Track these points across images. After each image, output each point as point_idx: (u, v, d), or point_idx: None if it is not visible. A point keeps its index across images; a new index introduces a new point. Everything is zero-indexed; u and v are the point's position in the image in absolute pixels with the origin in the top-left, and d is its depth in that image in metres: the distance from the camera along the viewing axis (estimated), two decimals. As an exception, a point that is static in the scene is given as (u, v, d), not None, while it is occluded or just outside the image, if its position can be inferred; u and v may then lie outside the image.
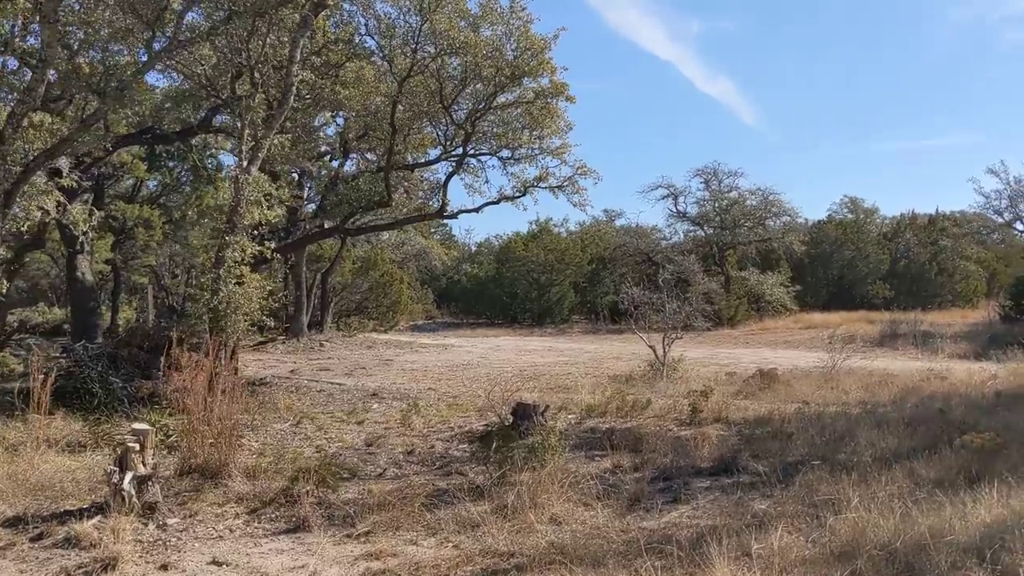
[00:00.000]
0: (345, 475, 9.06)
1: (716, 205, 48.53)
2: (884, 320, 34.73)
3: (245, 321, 11.14)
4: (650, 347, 18.58)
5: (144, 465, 7.37)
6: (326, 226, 17.93)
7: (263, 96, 11.95)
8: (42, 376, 9.43)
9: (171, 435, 9.80)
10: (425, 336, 38.33)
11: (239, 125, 11.26)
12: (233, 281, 10.93)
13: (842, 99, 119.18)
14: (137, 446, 7.28)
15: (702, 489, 8.33)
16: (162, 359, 9.94)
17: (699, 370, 19.82)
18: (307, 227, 17.93)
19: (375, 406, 14.88)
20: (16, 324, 26.97)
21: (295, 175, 25.78)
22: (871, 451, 9.40)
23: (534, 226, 51.53)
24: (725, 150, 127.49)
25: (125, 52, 11.83)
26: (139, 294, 34.99)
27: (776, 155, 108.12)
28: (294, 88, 11.24)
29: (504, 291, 46.48)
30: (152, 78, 19.82)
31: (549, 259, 46.19)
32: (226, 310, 10.86)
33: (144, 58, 11.07)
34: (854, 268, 51.68)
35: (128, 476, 7.11)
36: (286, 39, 12.02)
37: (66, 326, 23.96)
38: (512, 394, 14.26)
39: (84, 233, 15.18)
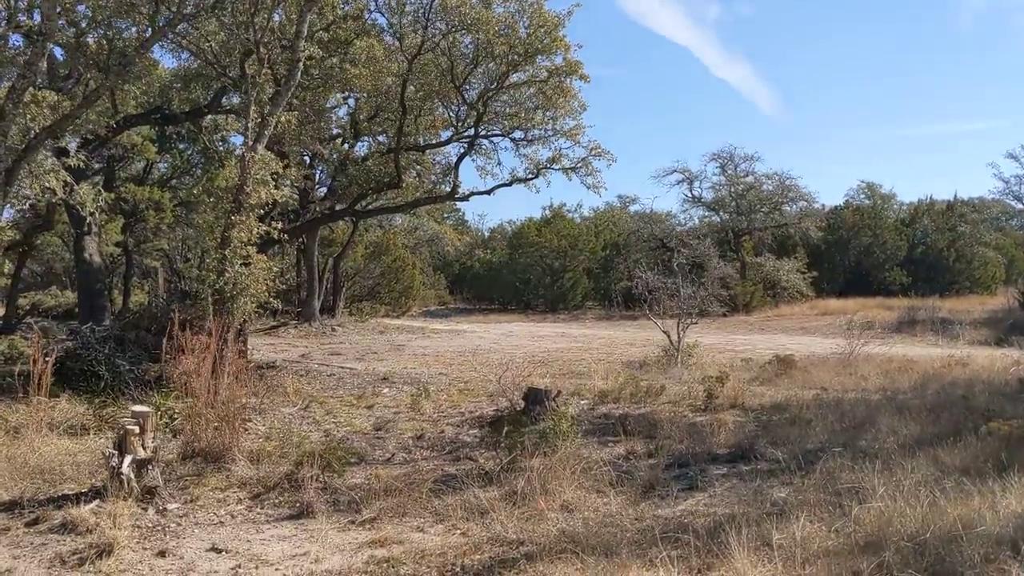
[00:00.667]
0: (352, 460, 8.84)
1: (732, 190, 48.06)
2: (902, 307, 34.29)
3: (252, 303, 10.89)
4: (664, 332, 18.30)
5: (144, 448, 7.16)
6: (336, 208, 17.66)
7: (269, 73, 11.68)
8: (43, 358, 9.23)
9: (176, 418, 9.59)
10: (437, 322, 38.15)
11: (245, 103, 10.99)
12: (239, 262, 10.69)
13: (859, 85, 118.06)
14: (137, 429, 7.08)
15: (719, 476, 8.07)
16: (165, 341, 9.71)
17: (714, 356, 19.54)
18: (317, 209, 17.67)
19: (385, 390, 14.69)
20: (28, 307, 26.98)
21: (307, 158, 25.58)
22: (893, 438, 9.12)
23: (547, 212, 51.31)
24: (741, 136, 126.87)
25: (132, 29, 11.56)
26: (151, 277, 34.97)
27: (792, 141, 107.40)
28: (301, 64, 10.97)
29: (517, 277, 46.23)
30: (162, 58, 19.66)
31: (562, 245, 45.89)
32: (232, 291, 10.62)
33: (148, 33, 10.81)
34: (871, 254, 51.05)
35: (127, 459, 6.91)
36: (294, 16, 11.74)
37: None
38: (524, 379, 14.09)
39: (91, 214, 14.94)
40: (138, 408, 7.44)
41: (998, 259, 52.67)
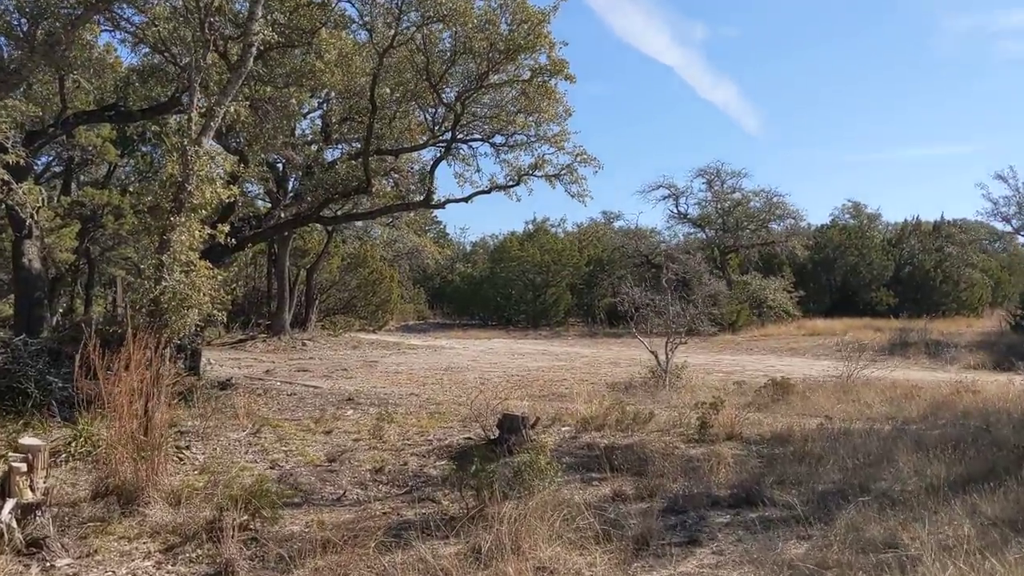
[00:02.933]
0: (296, 499, 7.63)
1: (718, 206, 47.16)
2: (891, 328, 33.38)
3: (194, 316, 9.65)
4: (651, 352, 17.16)
5: (33, 490, 5.92)
6: (302, 214, 16.45)
7: (217, 58, 10.50)
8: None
9: (98, 447, 8.34)
10: (415, 337, 36.90)
11: (189, 91, 9.80)
12: (180, 269, 9.46)
13: (844, 107, 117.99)
14: (24, 466, 5.83)
15: (722, 526, 6.89)
16: (100, 359, 8.45)
17: (704, 378, 18.43)
18: (282, 216, 16.47)
19: (349, 413, 13.43)
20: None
21: (280, 165, 24.36)
22: (916, 478, 8.00)
23: (530, 226, 50.23)
24: (726, 156, 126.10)
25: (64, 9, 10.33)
26: (114, 286, 33.57)
27: (777, 161, 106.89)
28: (253, 50, 9.80)
29: (498, 292, 45.09)
30: (125, 57, 18.39)
31: (545, 260, 44.81)
32: (171, 302, 9.39)
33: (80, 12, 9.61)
34: (857, 274, 50.22)
35: (8, 505, 5.67)
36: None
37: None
38: (500, 403, 12.90)
39: (32, 216, 13.69)
40: (27, 440, 6.20)
41: (984, 281, 52.01)
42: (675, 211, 48.49)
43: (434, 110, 16.53)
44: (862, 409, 13.15)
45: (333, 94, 18.10)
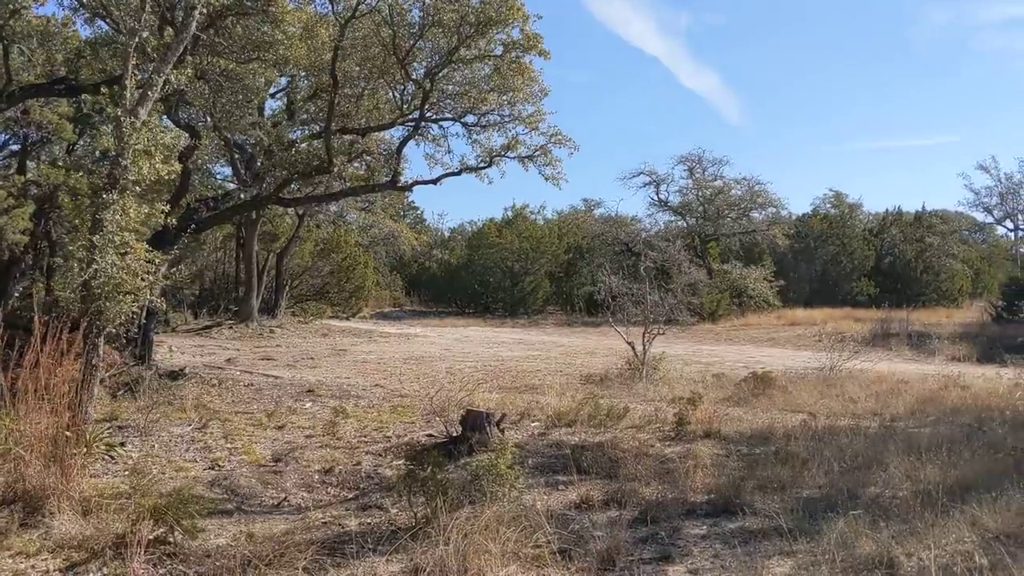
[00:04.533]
0: (230, 506, 6.90)
1: (700, 194, 46.61)
2: (872, 318, 32.95)
3: (130, 303, 8.83)
4: (628, 343, 16.50)
5: (-89, 501, 5.15)
6: (260, 196, 15.63)
7: (158, 20, 9.68)
8: None
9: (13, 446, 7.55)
10: (389, 325, 36.13)
11: (123, 55, 8.99)
12: (114, 251, 8.64)
13: (826, 96, 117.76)
14: None
15: (698, 539, 6.22)
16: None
17: (682, 369, 17.82)
18: (241, 196, 15.65)
19: (307, 405, 12.70)
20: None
21: (247, 147, 23.47)
22: (909, 485, 7.37)
23: (509, 212, 49.45)
24: (708, 144, 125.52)
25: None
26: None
27: (759, 151, 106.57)
28: (196, 12, 9.00)
29: (476, 279, 44.36)
30: (80, 27, 17.42)
31: (524, 247, 44.10)
32: (103, 287, 8.57)
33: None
34: (838, 264, 49.91)
35: None
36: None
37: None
38: (467, 395, 12.21)
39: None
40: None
41: (965, 271, 51.85)
42: (656, 198, 47.98)
43: (402, 87, 15.74)
44: (847, 405, 12.58)
45: (300, 72, 17.27)
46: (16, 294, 23.79)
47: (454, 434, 9.50)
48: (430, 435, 10.17)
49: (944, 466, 7.81)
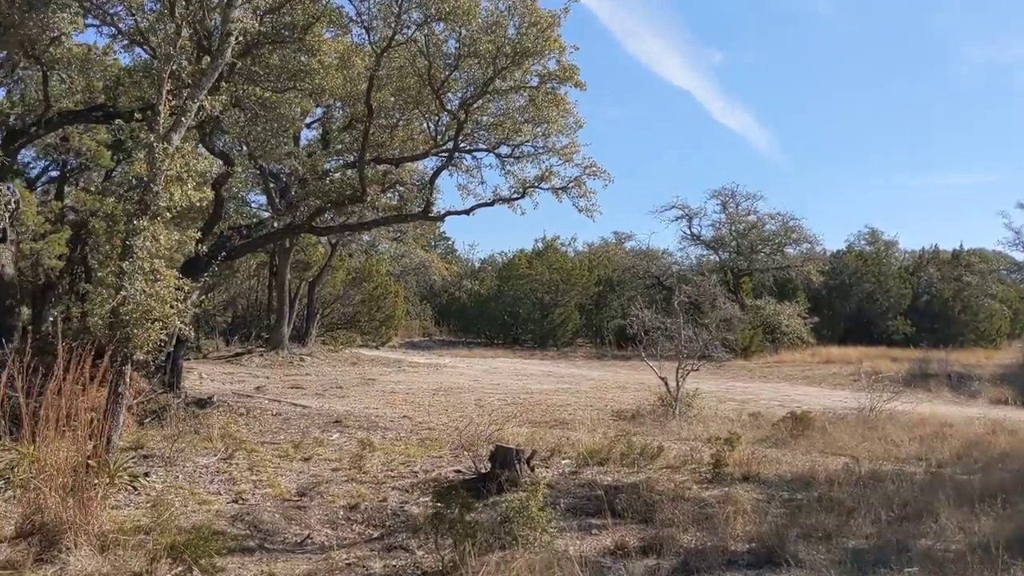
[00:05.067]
0: (252, 543, 6.68)
1: (733, 229, 46.20)
2: (909, 358, 32.28)
3: (159, 330, 8.70)
4: (661, 379, 16.16)
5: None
6: (293, 224, 15.60)
7: (190, 42, 9.64)
8: None
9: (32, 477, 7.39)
10: (418, 354, 35.94)
11: (158, 80, 8.94)
12: (143, 278, 8.53)
13: (862, 132, 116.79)
14: (-90, 506, 4.90)
15: (741, 592, 5.91)
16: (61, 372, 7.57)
17: (716, 407, 17.42)
18: (274, 225, 15.64)
19: (334, 436, 12.49)
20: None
21: (283, 175, 23.55)
22: (962, 537, 7.00)
23: (539, 243, 49.26)
24: (741, 180, 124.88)
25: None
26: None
27: (793, 186, 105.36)
28: (231, 39, 8.95)
29: (505, 310, 44.11)
30: (119, 55, 17.57)
31: (554, 279, 43.80)
32: (132, 314, 8.46)
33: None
34: (874, 301, 49.03)
35: None
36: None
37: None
38: (496, 430, 11.97)
39: (8, 219, 12.87)
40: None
41: (1003, 312, 50.79)
42: (688, 232, 47.62)
43: (437, 117, 15.67)
44: (889, 448, 12.16)
45: (336, 101, 17.29)
46: (51, 319, 23.91)
47: (483, 471, 9.25)
48: (458, 471, 9.91)
49: (999, 518, 7.42)
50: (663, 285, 43.58)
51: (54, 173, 25.74)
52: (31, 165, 24.95)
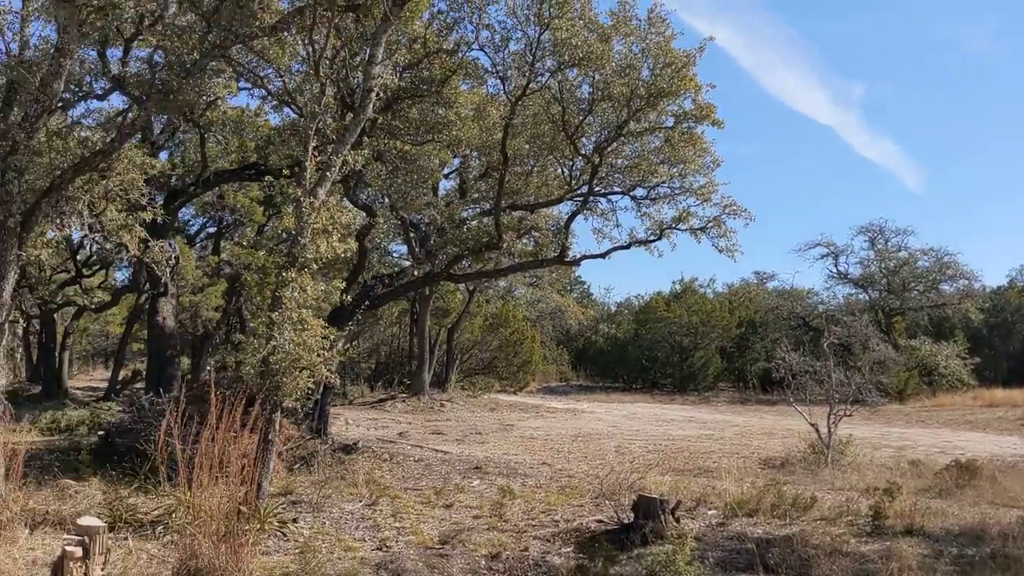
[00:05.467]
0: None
1: (882, 266, 44.11)
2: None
3: (306, 378, 8.98)
4: (811, 425, 15.43)
5: (90, 577, 5.22)
6: (432, 272, 15.98)
7: (334, 100, 10.03)
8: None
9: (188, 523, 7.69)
10: (555, 399, 35.84)
11: (304, 138, 9.33)
12: (291, 328, 8.84)
13: (1019, 162, 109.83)
14: (79, 551, 5.15)
15: (911, 659, 5.45)
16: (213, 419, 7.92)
17: (872, 455, 16.46)
18: (414, 274, 16.04)
19: (475, 483, 12.53)
20: (129, 375, 26.38)
21: (422, 225, 24.18)
22: None
23: (677, 285, 48.50)
24: (888, 215, 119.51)
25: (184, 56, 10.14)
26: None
27: (945, 220, 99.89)
28: (373, 95, 9.26)
29: (643, 354, 43.49)
30: (268, 115, 18.56)
31: (693, 321, 42.94)
32: (281, 363, 8.77)
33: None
34: (1040, 341, 45.68)
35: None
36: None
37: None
38: (639, 478, 11.66)
39: (166, 274, 13.67)
40: (86, 521, 5.55)
41: None
42: (834, 270, 45.78)
43: (571, 162, 15.72)
44: (1070, 500, 11.12)
45: (472, 151, 17.68)
46: (208, 368, 25.22)
47: (625, 521, 9.00)
48: (599, 520, 9.68)
49: None
50: (809, 326, 41.97)
51: (211, 229, 27.41)
52: (190, 222, 26.70)
